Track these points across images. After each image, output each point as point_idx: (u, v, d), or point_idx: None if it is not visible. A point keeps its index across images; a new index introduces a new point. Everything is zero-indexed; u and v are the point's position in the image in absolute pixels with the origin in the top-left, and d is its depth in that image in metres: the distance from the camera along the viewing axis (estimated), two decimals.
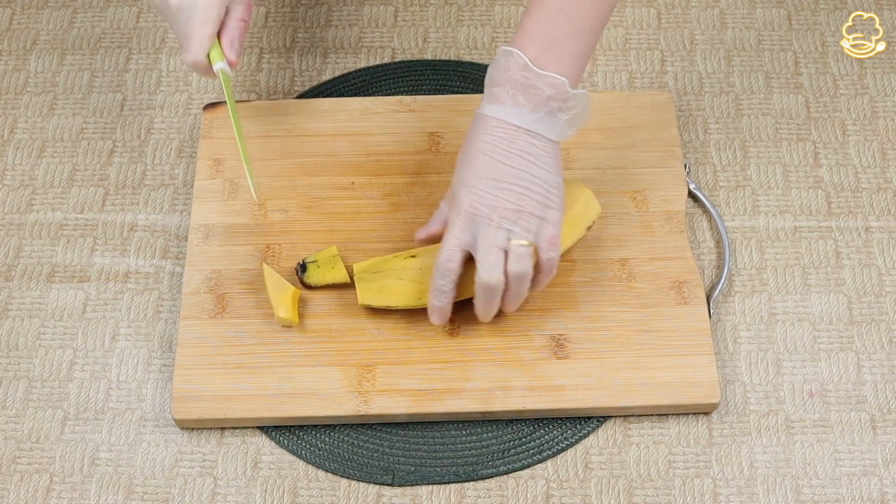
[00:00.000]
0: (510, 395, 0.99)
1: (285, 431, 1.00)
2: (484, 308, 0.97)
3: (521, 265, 0.94)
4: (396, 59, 1.22)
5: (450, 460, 0.98)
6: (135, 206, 1.12)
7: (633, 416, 1.00)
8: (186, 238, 1.10)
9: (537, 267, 0.96)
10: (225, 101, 1.08)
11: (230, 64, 1.00)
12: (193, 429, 1.00)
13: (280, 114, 1.15)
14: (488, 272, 0.94)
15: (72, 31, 1.24)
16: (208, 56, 1.00)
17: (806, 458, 0.99)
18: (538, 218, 0.94)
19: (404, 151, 1.12)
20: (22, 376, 1.03)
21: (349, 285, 1.04)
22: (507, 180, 0.93)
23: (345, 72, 1.21)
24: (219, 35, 1.00)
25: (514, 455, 0.99)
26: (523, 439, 0.99)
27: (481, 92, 1.18)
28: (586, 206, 1.03)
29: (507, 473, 0.98)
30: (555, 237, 0.95)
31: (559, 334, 1.02)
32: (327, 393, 0.99)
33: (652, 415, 1.00)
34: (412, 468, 0.98)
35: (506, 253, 0.94)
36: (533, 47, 0.93)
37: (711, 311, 1.04)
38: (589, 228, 1.03)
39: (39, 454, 0.99)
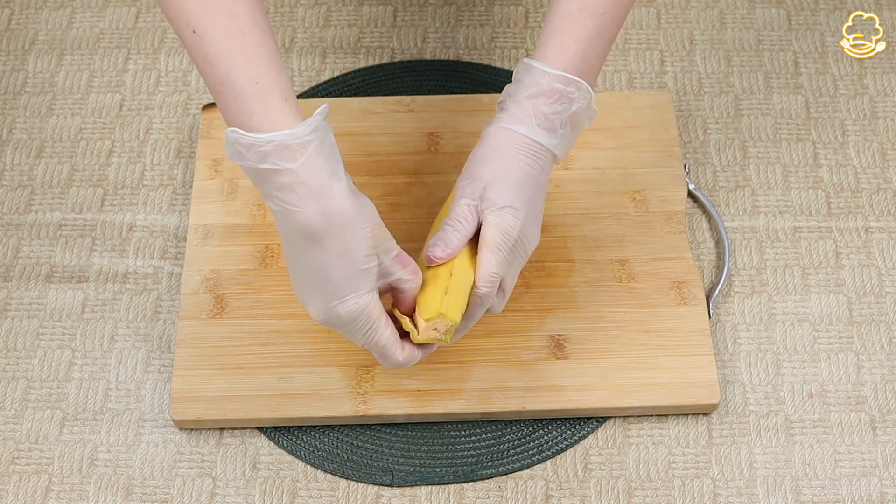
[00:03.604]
0: (509, 395, 0.99)
1: (284, 432, 1.00)
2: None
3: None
4: (395, 60, 1.22)
5: (449, 461, 0.98)
6: (133, 207, 1.12)
7: (632, 416, 1.00)
8: (185, 238, 1.09)
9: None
10: None
11: None
12: (192, 429, 1.00)
13: None
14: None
15: (70, 32, 1.24)
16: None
17: (806, 458, 0.99)
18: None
19: (403, 152, 1.12)
20: (20, 377, 1.03)
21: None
22: (539, 214, 0.91)
23: (344, 72, 1.20)
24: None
25: (514, 455, 0.98)
26: (523, 440, 0.99)
27: (480, 92, 1.18)
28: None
29: (506, 474, 0.98)
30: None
31: (559, 335, 1.02)
32: (326, 393, 0.99)
33: (651, 415, 1.00)
34: (411, 469, 0.98)
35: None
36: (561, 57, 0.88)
37: (711, 311, 1.04)
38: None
39: (38, 455, 0.99)
